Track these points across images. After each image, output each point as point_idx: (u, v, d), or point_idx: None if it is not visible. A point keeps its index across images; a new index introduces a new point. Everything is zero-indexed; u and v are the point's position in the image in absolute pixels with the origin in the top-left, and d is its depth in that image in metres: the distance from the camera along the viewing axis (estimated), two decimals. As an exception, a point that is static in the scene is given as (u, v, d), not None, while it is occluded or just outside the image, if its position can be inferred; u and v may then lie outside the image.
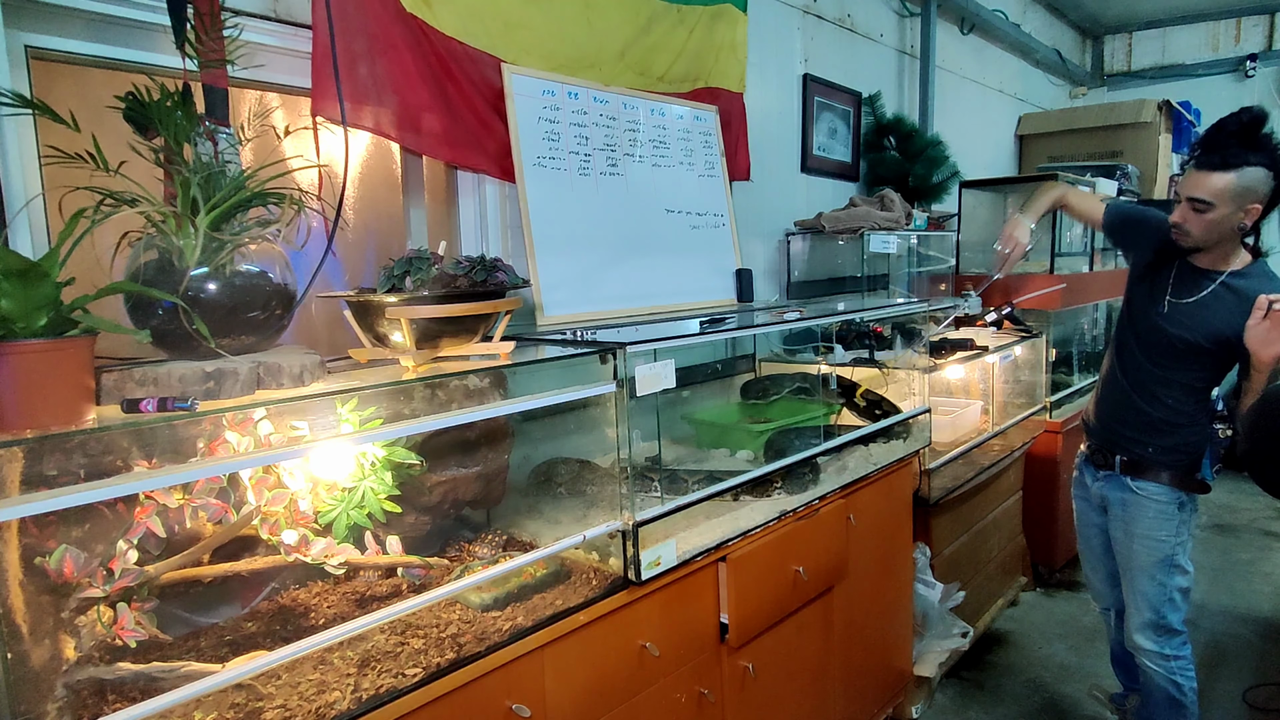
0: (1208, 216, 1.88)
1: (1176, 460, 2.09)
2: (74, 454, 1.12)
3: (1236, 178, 1.83)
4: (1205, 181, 1.86)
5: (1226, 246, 1.96)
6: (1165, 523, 2.11)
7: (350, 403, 1.40)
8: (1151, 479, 2.12)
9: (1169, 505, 2.10)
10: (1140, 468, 2.13)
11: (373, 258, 2.37)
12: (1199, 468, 2.09)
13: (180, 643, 1.39)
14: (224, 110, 1.48)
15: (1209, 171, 1.86)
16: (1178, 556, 2.11)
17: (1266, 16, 5.80)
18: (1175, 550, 2.10)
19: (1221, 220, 1.88)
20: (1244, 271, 1.97)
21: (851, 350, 2.70)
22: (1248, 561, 3.93)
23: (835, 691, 2.26)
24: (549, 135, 2.15)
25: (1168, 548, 2.11)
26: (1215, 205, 1.86)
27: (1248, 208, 1.86)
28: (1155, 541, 2.12)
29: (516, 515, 1.90)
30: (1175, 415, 2.08)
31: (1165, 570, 2.11)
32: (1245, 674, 2.90)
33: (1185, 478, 2.09)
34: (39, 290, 1.01)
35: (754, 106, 2.93)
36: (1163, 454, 2.10)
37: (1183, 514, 2.10)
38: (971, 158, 4.65)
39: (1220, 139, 1.86)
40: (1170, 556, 2.11)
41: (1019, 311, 3.58)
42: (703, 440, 2.50)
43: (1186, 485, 2.09)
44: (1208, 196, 1.86)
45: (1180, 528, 2.10)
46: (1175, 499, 2.09)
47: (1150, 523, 2.12)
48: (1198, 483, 2.09)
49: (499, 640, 1.40)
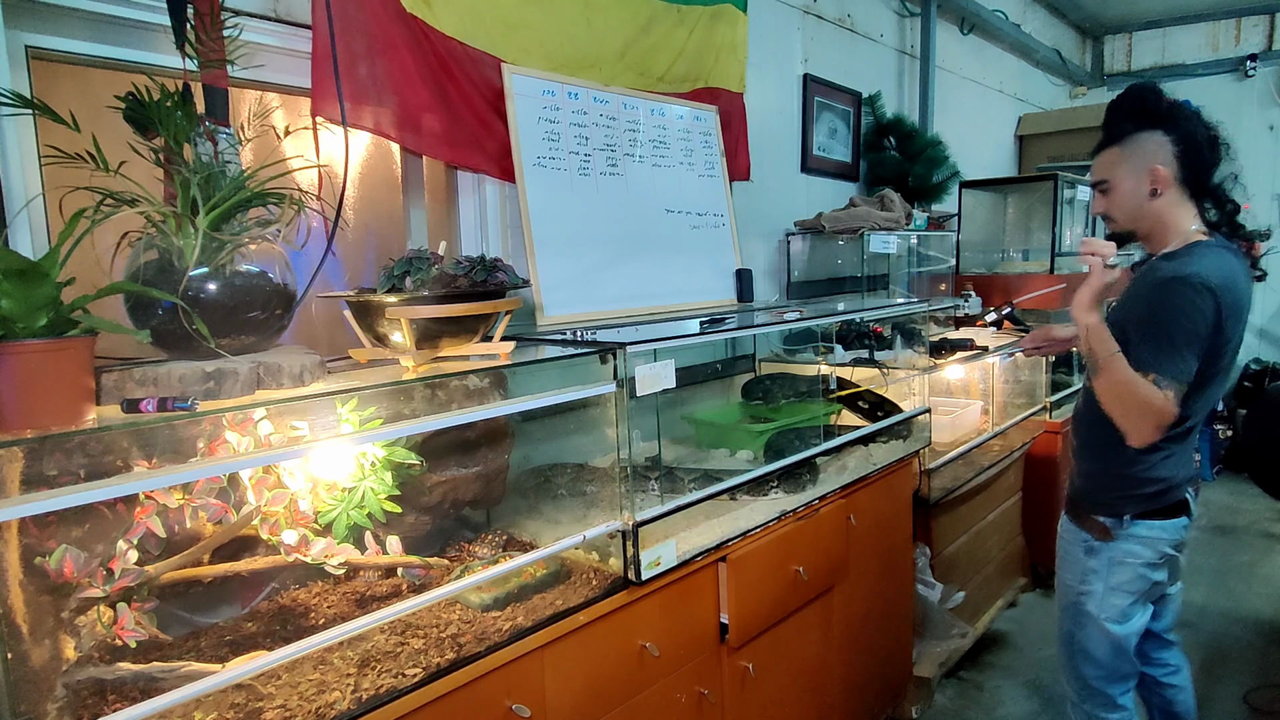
0: (1112, 196, 1.79)
1: (1094, 495, 1.85)
2: (74, 454, 1.12)
3: (1120, 149, 1.77)
4: (1096, 163, 1.82)
5: (1161, 222, 1.76)
6: (1071, 565, 1.89)
7: (350, 403, 1.40)
8: (1068, 512, 1.93)
9: (1074, 546, 1.88)
10: (1069, 502, 1.94)
11: (373, 258, 2.37)
12: (1117, 510, 1.80)
13: (180, 643, 1.39)
14: (224, 110, 1.48)
15: (1098, 154, 1.82)
16: (1084, 605, 1.85)
17: (1266, 16, 5.80)
18: (1080, 599, 1.86)
19: (1128, 194, 1.76)
20: (1174, 252, 1.74)
21: (851, 350, 2.70)
22: (1248, 563, 3.92)
23: (835, 692, 2.26)
24: (549, 135, 2.15)
25: (1072, 594, 1.88)
26: (1111, 181, 1.78)
27: (1149, 171, 1.73)
28: (1062, 584, 1.93)
29: (516, 515, 1.90)
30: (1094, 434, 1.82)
31: (1072, 618, 1.89)
32: (1246, 676, 2.90)
33: (1091, 519, 1.84)
34: (39, 290, 1.01)
35: (754, 106, 2.93)
36: (1082, 484, 1.89)
37: (1090, 560, 1.84)
38: (971, 158, 4.65)
39: (1107, 121, 1.81)
40: (1075, 604, 1.87)
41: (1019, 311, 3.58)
42: (703, 440, 2.50)
43: (1091, 527, 1.83)
44: (1100, 175, 1.80)
45: (1088, 576, 1.84)
46: (1081, 540, 1.86)
47: (1060, 560, 1.94)
48: (1102, 527, 1.81)
49: (499, 640, 1.40)
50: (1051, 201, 3.97)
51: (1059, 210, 3.94)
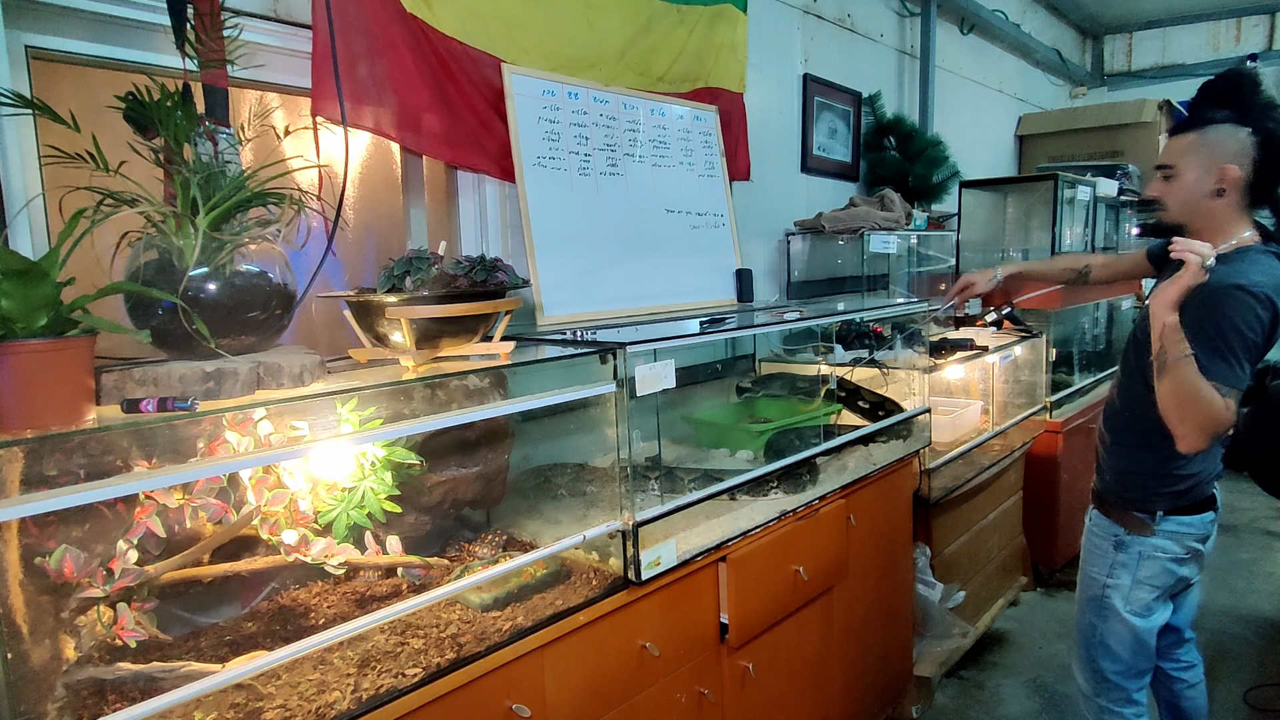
0: (1174, 183, 1.72)
1: (1122, 489, 1.87)
2: (74, 454, 1.12)
3: (1198, 136, 1.68)
4: (1169, 145, 1.74)
5: (1214, 222, 1.70)
6: (1099, 559, 1.91)
7: (350, 403, 1.40)
8: (1097, 506, 1.95)
9: (1103, 540, 1.90)
10: (1098, 496, 1.96)
11: (373, 258, 2.37)
12: (1148, 506, 1.82)
13: (180, 643, 1.39)
14: (224, 110, 1.48)
15: (1174, 135, 1.74)
16: (1109, 598, 1.87)
17: (1266, 16, 5.81)
18: (1106, 592, 1.88)
19: (1190, 186, 1.69)
20: (1226, 256, 1.67)
21: (851, 350, 2.70)
22: (1248, 561, 3.92)
23: (835, 691, 2.25)
24: (549, 135, 2.15)
25: (1096, 587, 1.90)
26: (1177, 168, 1.71)
27: (1219, 169, 1.66)
28: (1087, 577, 1.94)
29: (516, 515, 1.90)
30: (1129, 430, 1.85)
31: (1095, 610, 1.91)
32: (1246, 674, 2.90)
33: (1125, 513, 1.86)
34: (39, 290, 1.01)
35: (754, 106, 2.93)
36: (1114, 479, 1.90)
37: (1120, 554, 1.86)
38: (971, 158, 4.65)
39: (1196, 103, 1.73)
40: (1100, 597, 1.89)
41: (1019, 311, 3.58)
42: (702, 440, 2.50)
43: (1125, 521, 1.86)
44: (1168, 159, 1.73)
45: (1116, 570, 1.87)
46: (1111, 534, 1.88)
47: (1086, 553, 1.96)
48: (1138, 521, 1.84)
49: (499, 640, 1.40)
50: (1051, 201, 3.97)
51: (1059, 210, 3.94)
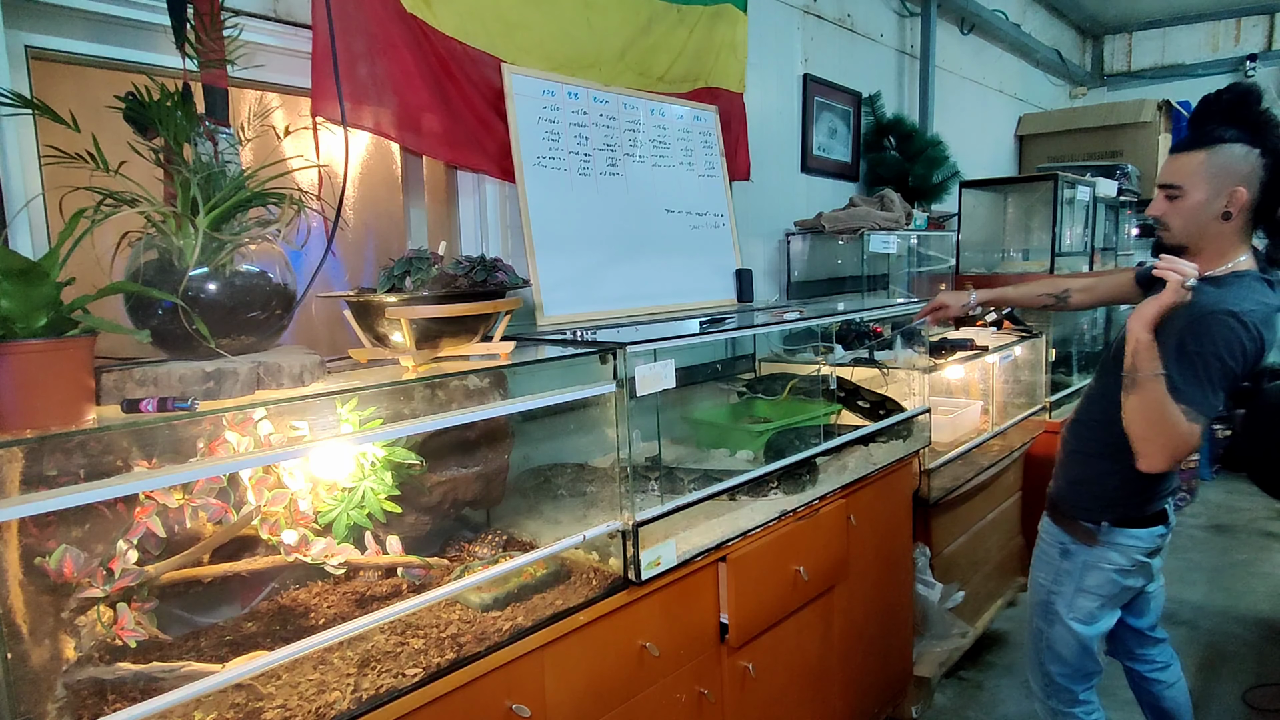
0: (1180, 203, 1.65)
1: (1074, 497, 1.86)
2: (74, 454, 1.12)
3: (1207, 156, 1.61)
4: (1174, 163, 1.66)
5: (1217, 246, 1.65)
6: (1045, 565, 1.92)
7: (350, 403, 1.40)
8: (1049, 513, 1.96)
9: (1050, 547, 1.91)
10: (1051, 502, 1.97)
11: (373, 258, 2.37)
12: (1096, 517, 1.81)
13: (180, 643, 1.39)
14: (224, 110, 1.48)
15: (1179, 153, 1.66)
16: (1054, 605, 1.88)
17: (1266, 16, 5.81)
18: (1050, 598, 1.89)
19: (1198, 208, 1.63)
20: (1218, 279, 1.63)
21: (851, 350, 2.71)
22: (1246, 561, 3.93)
23: (835, 691, 2.26)
24: (549, 135, 2.15)
25: (1043, 593, 1.92)
26: (1184, 189, 1.64)
27: (1229, 191, 1.60)
28: (1035, 582, 1.96)
29: (516, 515, 1.90)
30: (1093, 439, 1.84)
31: (1041, 615, 1.93)
32: (1244, 674, 2.90)
33: (1073, 522, 1.85)
34: (39, 290, 1.01)
35: (754, 106, 2.93)
36: (1067, 486, 1.90)
37: (1065, 562, 1.86)
38: (971, 158, 4.65)
39: (1198, 118, 1.66)
40: (1045, 603, 1.91)
41: (1019, 311, 3.58)
42: (702, 440, 2.50)
43: (1072, 530, 1.85)
44: (1174, 179, 1.65)
45: (1061, 577, 1.87)
46: (1058, 542, 1.88)
47: (1035, 559, 1.97)
48: (1084, 530, 1.83)
49: (499, 640, 1.40)
50: (1051, 201, 3.97)
51: (1059, 210, 3.94)
